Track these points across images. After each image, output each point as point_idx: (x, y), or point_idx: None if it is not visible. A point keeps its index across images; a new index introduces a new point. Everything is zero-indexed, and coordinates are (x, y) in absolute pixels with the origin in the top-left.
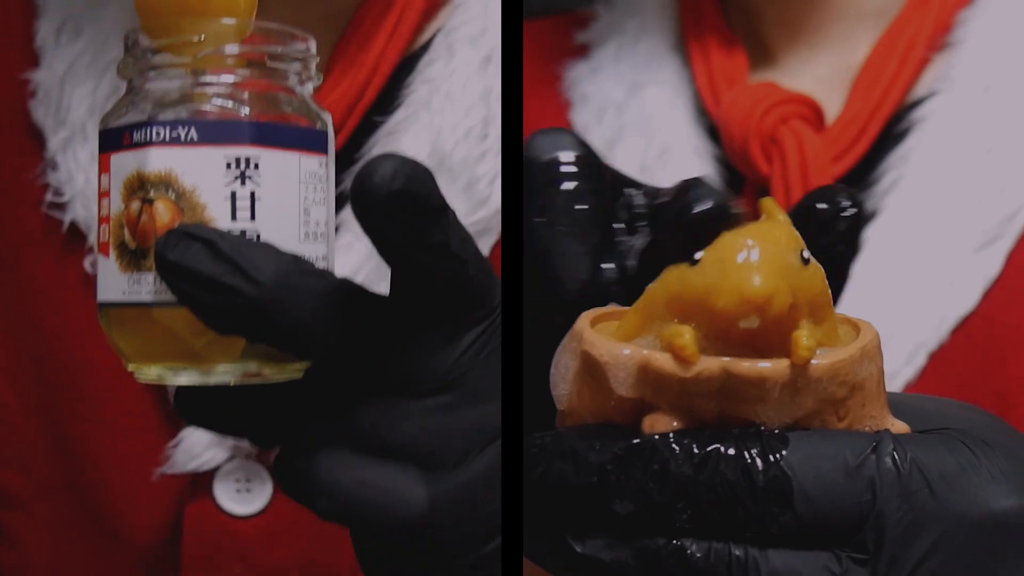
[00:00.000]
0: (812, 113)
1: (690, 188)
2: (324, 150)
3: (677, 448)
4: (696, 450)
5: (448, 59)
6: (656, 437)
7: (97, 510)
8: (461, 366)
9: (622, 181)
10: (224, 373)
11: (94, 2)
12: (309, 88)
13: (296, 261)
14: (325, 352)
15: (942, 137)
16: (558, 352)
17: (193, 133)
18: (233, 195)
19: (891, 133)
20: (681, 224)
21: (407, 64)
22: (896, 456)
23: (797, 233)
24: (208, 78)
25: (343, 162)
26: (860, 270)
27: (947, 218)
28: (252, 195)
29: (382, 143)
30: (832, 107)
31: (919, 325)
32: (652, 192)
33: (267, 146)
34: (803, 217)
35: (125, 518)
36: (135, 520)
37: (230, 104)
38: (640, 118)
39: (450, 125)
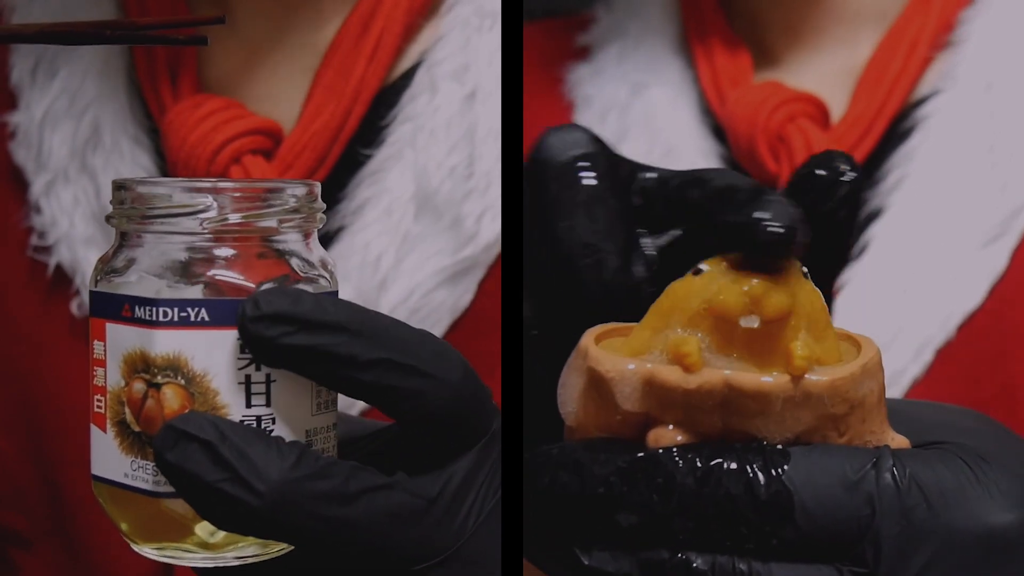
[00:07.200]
0: (818, 112)
1: (761, 202)
2: None
3: (681, 462)
4: (699, 464)
5: (431, 95)
6: (660, 451)
7: (90, 555)
8: (461, 536)
9: (635, 167)
10: (229, 558)
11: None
12: (315, 237)
13: (300, 460)
14: (330, 546)
15: (946, 135)
16: (564, 370)
17: (204, 314)
18: (248, 379)
19: (896, 131)
20: (746, 239)
21: (390, 97)
22: (895, 472)
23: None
24: (215, 251)
25: (326, 201)
26: (866, 268)
27: (952, 215)
28: (268, 377)
29: (367, 182)
30: (835, 108)
31: (925, 322)
32: (666, 175)
33: None
34: (803, 183)
35: (117, 565)
36: (127, 567)
37: (241, 280)
38: (644, 119)
39: (435, 163)
